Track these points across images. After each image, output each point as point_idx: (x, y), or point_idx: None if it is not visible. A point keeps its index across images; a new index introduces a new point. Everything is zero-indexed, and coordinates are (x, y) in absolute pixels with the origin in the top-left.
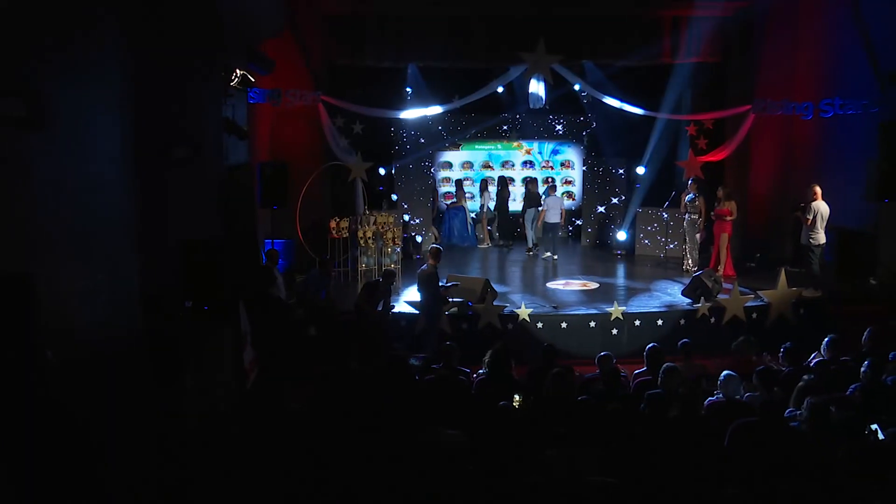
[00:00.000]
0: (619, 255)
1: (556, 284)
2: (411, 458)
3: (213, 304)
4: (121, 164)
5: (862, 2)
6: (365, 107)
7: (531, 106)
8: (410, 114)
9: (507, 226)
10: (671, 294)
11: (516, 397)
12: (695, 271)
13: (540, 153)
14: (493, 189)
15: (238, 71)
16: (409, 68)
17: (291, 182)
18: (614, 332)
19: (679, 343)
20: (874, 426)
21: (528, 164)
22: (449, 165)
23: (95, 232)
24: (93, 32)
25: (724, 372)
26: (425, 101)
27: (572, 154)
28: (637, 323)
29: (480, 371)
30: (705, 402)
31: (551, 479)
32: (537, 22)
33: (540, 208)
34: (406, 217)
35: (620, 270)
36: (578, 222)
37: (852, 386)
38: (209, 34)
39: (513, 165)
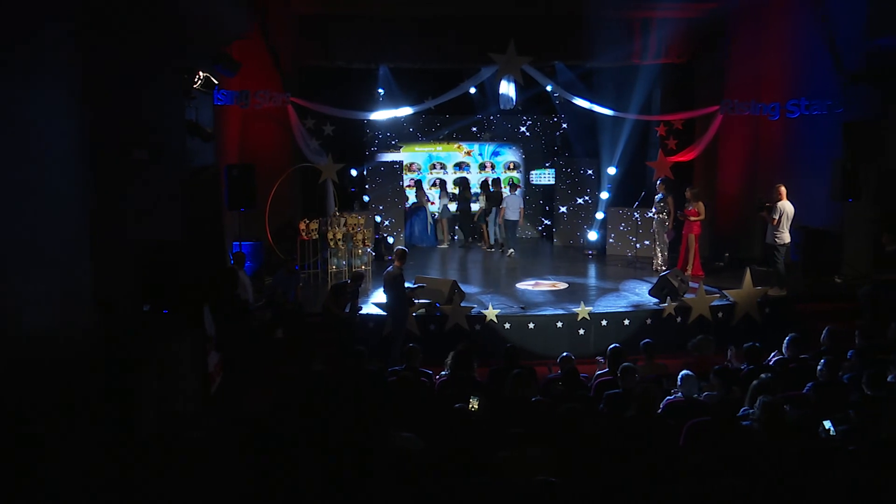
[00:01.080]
0: (590, 255)
1: (525, 285)
2: (366, 460)
3: (173, 308)
4: (72, 167)
5: (827, 3)
6: (335, 108)
7: (502, 107)
8: (381, 115)
9: (466, 226)
10: (639, 294)
11: (472, 401)
12: (664, 271)
13: (480, 154)
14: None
15: (201, 73)
16: (381, 69)
17: (260, 184)
18: (581, 332)
19: (641, 343)
20: (827, 424)
21: (461, 165)
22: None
23: (45, 235)
24: (39, 33)
25: (682, 372)
26: (397, 103)
27: (513, 156)
28: (604, 323)
29: (443, 373)
30: (664, 401)
31: (501, 479)
32: (508, 23)
33: (500, 206)
34: (378, 218)
35: (590, 270)
36: (547, 222)
37: (809, 384)
38: (169, 36)
39: (443, 167)
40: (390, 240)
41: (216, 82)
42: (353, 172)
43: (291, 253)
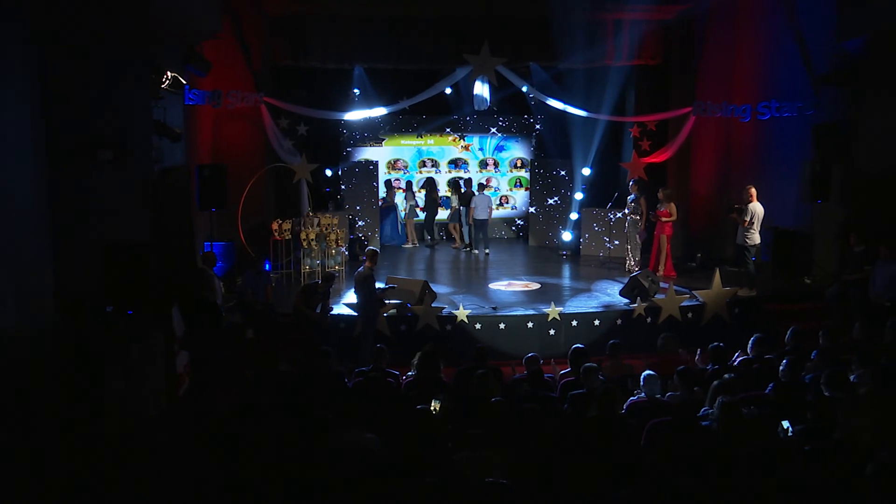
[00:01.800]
0: (564, 255)
1: (498, 285)
2: (325, 461)
3: (137, 308)
4: (28, 168)
5: (797, 7)
6: (308, 108)
7: (476, 107)
8: (355, 115)
9: (432, 226)
10: (610, 294)
11: (434, 402)
12: (636, 271)
13: (481, 149)
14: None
15: (169, 73)
16: (356, 70)
17: (233, 184)
18: (552, 332)
19: (609, 343)
20: (785, 424)
21: (458, 162)
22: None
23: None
24: None
25: (645, 372)
26: (373, 103)
27: (520, 150)
28: (574, 323)
29: (410, 373)
30: (628, 401)
31: (454, 480)
32: (481, 24)
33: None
34: (352, 218)
35: (563, 271)
36: (520, 222)
37: (771, 384)
38: (134, 37)
39: (435, 165)
40: (365, 240)
41: (185, 82)
42: (328, 172)
43: (264, 253)
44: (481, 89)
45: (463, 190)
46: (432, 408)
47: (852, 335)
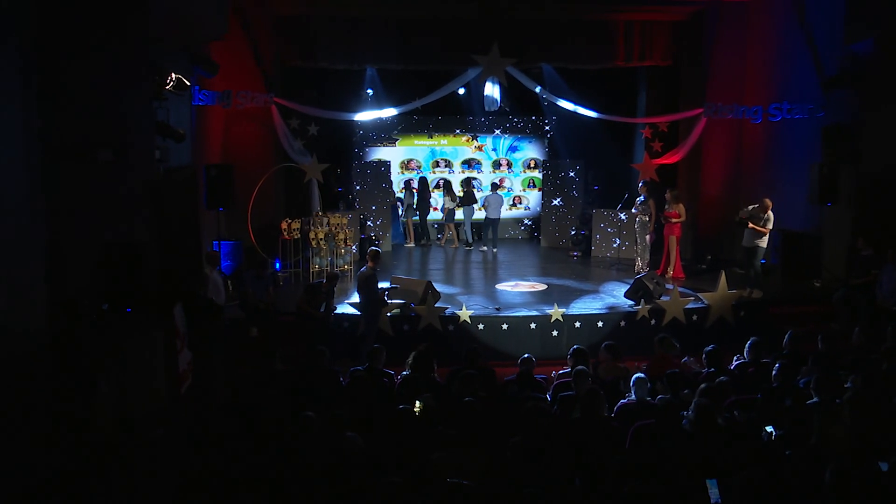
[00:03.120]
0: (574, 256)
1: (505, 286)
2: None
3: (134, 307)
4: (21, 168)
5: (807, 8)
6: (318, 108)
7: (486, 108)
8: (364, 115)
9: (426, 226)
10: (616, 296)
11: (417, 403)
12: (642, 273)
13: (494, 150)
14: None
15: (173, 74)
16: (368, 70)
17: (243, 184)
18: (554, 333)
19: (603, 345)
20: (769, 428)
21: (472, 162)
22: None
23: None
24: None
25: (635, 375)
26: (385, 103)
27: (534, 151)
28: (577, 325)
29: (404, 373)
30: (618, 403)
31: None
32: (491, 25)
33: (476, 206)
34: (362, 217)
35: (572, 272)
36: (528, 222)
37: (765, 387)
38: (136, 38)
39: (448, 165)
40: (376, 240)
41: (188, 83)
42: (340, 172)
43: (273, 253)
44: (492, 90)
45: (464, 190)
46: (415, 408)
47: (851, 340)
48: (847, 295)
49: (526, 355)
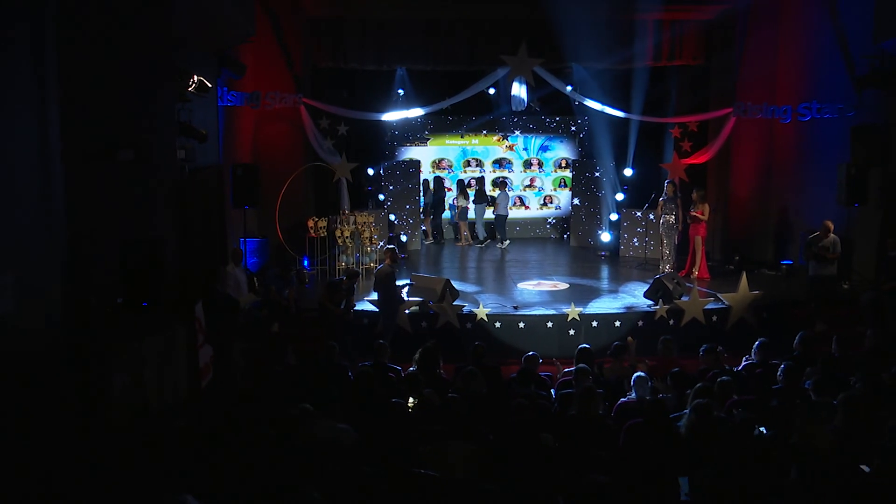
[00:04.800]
0: (602, 256)
1: (526, 285)
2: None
3: (152, 302)
4: (40, 167)
5: (839, 6)
6: (346, 109)
7: (513, 108)
8: (392, 116)
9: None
10: (636, 296)
11: (411, 399)
12: (662, 273)
13: (525, 149)
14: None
15: (196, 77)
16: (398, 71)
17: (273, 183)
18: (571, 332)
19: (613, 344)
20: (762, 428)
21: (503, 162)
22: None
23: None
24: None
25: (636, 374)
26: (415, 103)
27: (565, 150)
28: (594, 324)
29: (411, 368)
30: (618, 402)
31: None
32: (520, 26)
33: (486, 204)
34: (392, 217)
35: (597, 271)
36: (552, 221)
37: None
38: (158, 40)
39: (479, 164)
40: (404, 238)
41: (209, 85)
42: (370, 171)
43: (300, 250)
44: (519, 90)
45: (476, 189)
46: (409, 403)
47: (864, 343)
48: (875, 298)
49: (530, 353)
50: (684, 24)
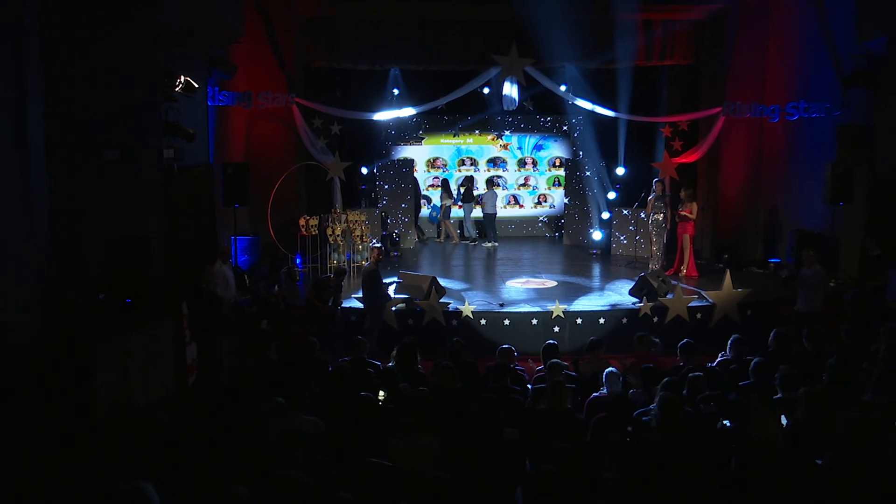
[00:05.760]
0: (594, 254)
1: (515, 282)
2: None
3: (135, 300)
4: (18, 165)
5: (826, 6)
6: (337, 108)
7: (504, 108)
8: (384, 115)
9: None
10: (622, 293)
11: (381, 393)
12: (647, 271)
13: (520, 148)
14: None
15: (182, 77)
16: (392, 71)
17: (265, 181)
18: (556, 329)
19: (589, 340)
20: (726, 422)
21: (497, 161)
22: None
23: None
24: None
25: (607, 369)
26: (409, 103)
27: (559, 149)
28: (579, 321)
29: (389, 364)
30: (591, 397)
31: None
32: (511, 26)
33: (472, 204)
34: (384, 215)
35: (587, 269)
36: (544, 220)
37: (740, 383)
38: (144, 42)
39: (474, 163)
40: (397, 237)
41: (196, 86)
42: (364, 170)
43: (292, 248)
44: (510, 90)
45: (464, 188)
46: (379, 397)
47: (839, 339)
48: (857, 295)
49: (504, 346)
50: (675, 24)
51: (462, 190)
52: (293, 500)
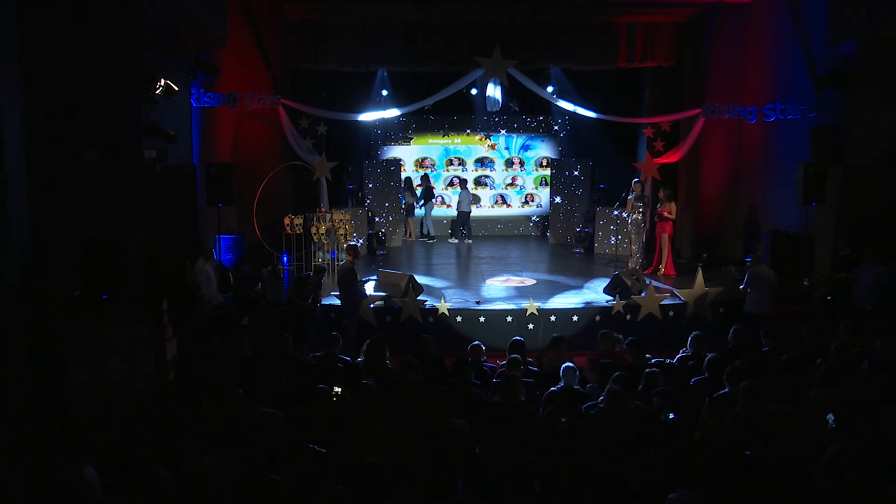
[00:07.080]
0: (578, 253)
1: (494, 281)
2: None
3: (113, 296)
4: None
5: (802, 9)
6: (323, 109)
7: (488, 109)
8: (368, 116)
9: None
10: (598, 292)
11: (336, 389)
12: (620, 270)
13: (507, 148)
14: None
15: (162, 80)
16: (380, 72)
17: (251, 181)
18: (530, 326)
19: (552, 336)
20: (671, 415)
21: (485, 161)
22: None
23: None
24: None
25: (564, 364)
26: (396, 104)
27: (546, 149)
28: (553, 318)
29: (359, 359)
30: (548, 391)
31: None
32: (495, 28)
33: (433, 202)
34: (370, 214)
35: (567, 268)
36: (535, 219)
37: (693, 379)
38: (125, 46)
39: (461, 163)
40: (383, 236)
41: (176, 88)
42: (350, 170)
43: (278, 247)
44: (493, 91)
45: (424, 186)
46: (334, 392)
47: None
48: (826, 293)
49: (475, 343)
50: (657, 27)
51: (420, 189)
52: (206, 482)
